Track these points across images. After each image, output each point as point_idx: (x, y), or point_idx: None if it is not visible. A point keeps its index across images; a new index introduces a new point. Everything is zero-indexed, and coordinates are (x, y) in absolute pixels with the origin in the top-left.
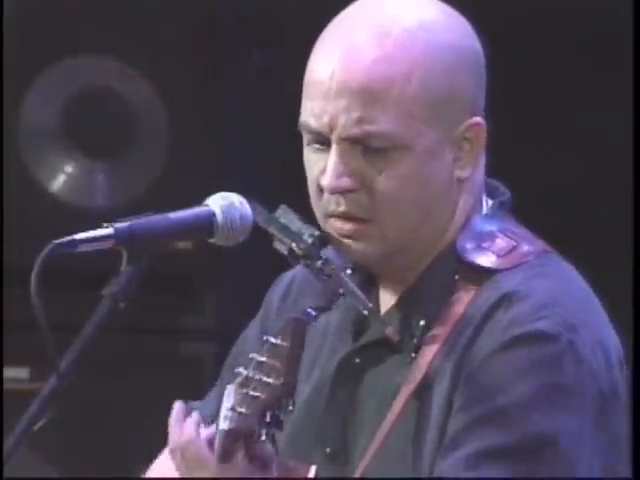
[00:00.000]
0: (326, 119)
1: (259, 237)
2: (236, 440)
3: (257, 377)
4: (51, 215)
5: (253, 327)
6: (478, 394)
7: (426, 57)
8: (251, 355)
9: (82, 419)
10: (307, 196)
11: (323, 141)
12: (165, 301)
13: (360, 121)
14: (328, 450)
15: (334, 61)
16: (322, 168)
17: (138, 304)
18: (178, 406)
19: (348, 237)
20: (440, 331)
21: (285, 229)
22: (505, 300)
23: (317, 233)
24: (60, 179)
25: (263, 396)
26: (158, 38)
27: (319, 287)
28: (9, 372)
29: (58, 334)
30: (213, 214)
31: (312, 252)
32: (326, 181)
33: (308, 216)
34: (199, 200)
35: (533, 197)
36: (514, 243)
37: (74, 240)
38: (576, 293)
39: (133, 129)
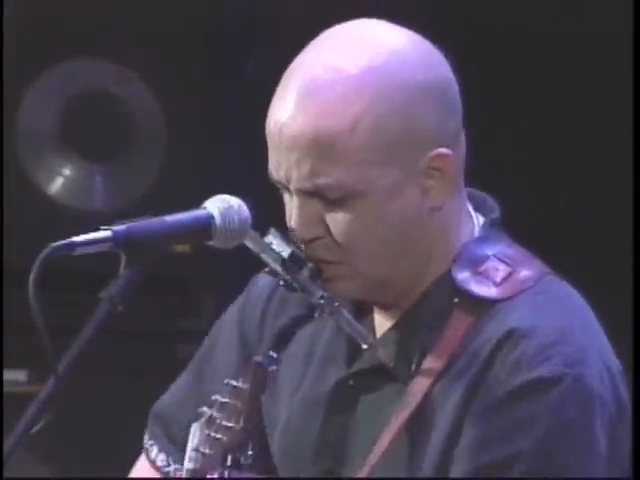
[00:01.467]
0: (282, 172)
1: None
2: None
3: (218, 420)
4: (49, 218)
5: (230, 314)
6: (483, 442)
7: (373, 103)
8: (214, 397)
9: (79, 421)
10: None
11: (286, 189)
12: (163, 304)
13: (311, 175)
14: (323, 471)
15: (285, 112)
16: (290, 214)
17: (136, 307)
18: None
19: (328, 279)
20: (437, 360)
21: (279, 259)
22: (510, 338)
23: (312, 265)
24: (58, 182)
25: (224, 439)
26: (156, 41)
27: (301, 297)
28: (8, 374)
29: (56, 337)
30: (212, 217)
31: (311, 288)
32: (293, 230)
33: None
34: (197, 203)
35: (530, 206)
36: (510, 269)
37: (72, 243)
38: (579, 321)
39: (131, 132)
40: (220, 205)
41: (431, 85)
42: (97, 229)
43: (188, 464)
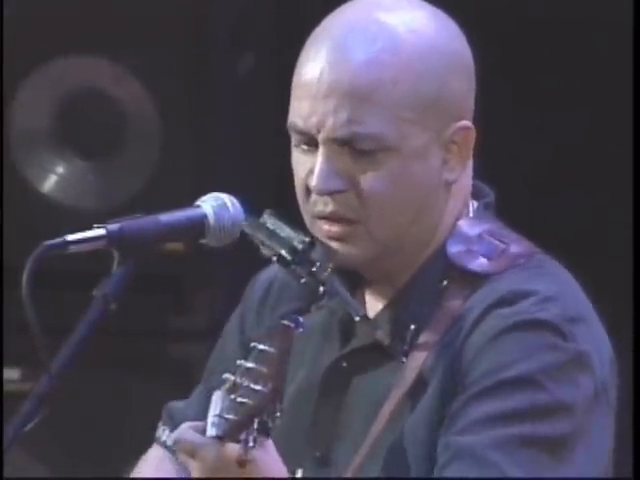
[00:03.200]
0: (314, 120)
1: (250, 240)
2: (233, 438)
3: (245, 383)
4: (42, 216)
5: (232, 324)
6: (482, 372)
7: (414, 61)
8: (238, 362)
9: (72, 419)
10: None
11: (310, 142)
12: (156, 302)
13: (348, 122)
14: (318, 454)
15: (323, 62)
16: (309, 169)
17: (129, 305)
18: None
19: (336, 239)
20: (431, 335)
21: (273, 235)
22: (507, 299)
23: (307, 239)
24: (51, 179)
25: (251, 402)
26: (149, 38)
27: (298, 291)
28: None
29: (49, 335)
30: (205, 215)
31: (303, 259)
32: (314, 182)
33: (299, 218)
34: (191, 201)
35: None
36: (503, 246)
37: (65, 241)
38: (574, 292)
39: (124, 129)
40: (213, 203)
41: (461, 58)
42: (90, 227)
43: (211, 431)
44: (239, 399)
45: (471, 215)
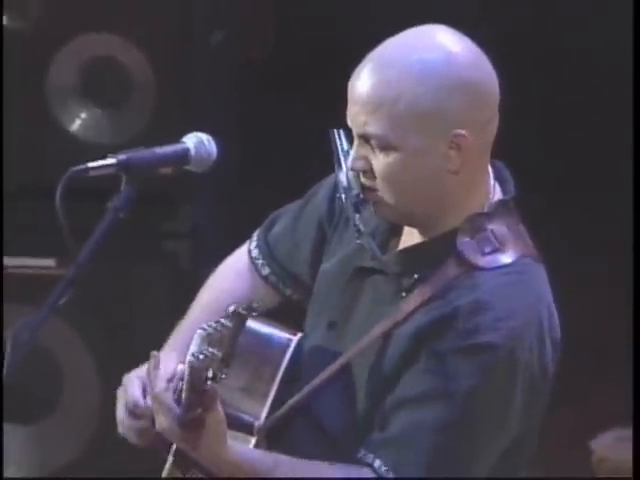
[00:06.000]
0: (350, 120)
1: (223, 167)
2: (197, 375)
3: (209, 341)
4: (70, 149)
5: (324, 189)
6: (427, 374)
7: (415, 85)
8: (210, 323)
9: (94, 295)
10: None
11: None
12: (152, 211)
13: (364, 124)
14: (329, 320)
15: (356, 77)
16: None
17: (132, 213)
18: (156, 356)
19: (373, 203)
20: (424, 292)
21: (344, 157)
22: (474, 306)
23: (359, 196)
24: (77, 122)
25: (207, 358)
26: (149, 19)
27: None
28: (41, 262)
29: (76, 235)
30: (188, 149)
31: (351, 211)
32: (349, 162)
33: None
34: (178, 138)
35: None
36: (498, 246)
37: (87, 167)
38: (531, 301)
39: (130, 86)
40: (194, 140)
41: (465, 82)
42: (105, 157)
43: (187, 361)
44: (204, 349)
45: (485, 210)
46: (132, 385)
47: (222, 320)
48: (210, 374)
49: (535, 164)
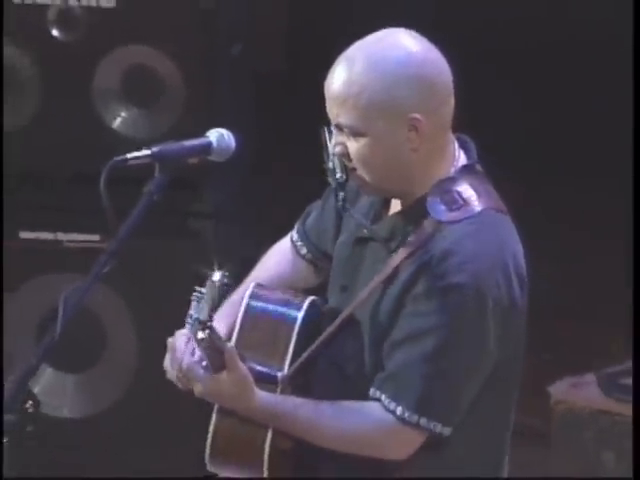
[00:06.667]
0: (328, 113)
1: (240, 157)
2: (194, 338)
3: (193, 308)
4: (112, 142)
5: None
6: (411, 316)
7: (373, 82)
8: (200, 288)
9: (133, 263)
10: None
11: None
12: (180, 195)
13: (337, 116)
14: (341, 284)
15: (329, 77)
16: None
17: (164, 196)
18: (184, 334)
19: (355, 180)
20: (407, 249)
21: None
22: (444, 255)
23: (342, 177)
24: (118, 120)
25: (192, 322)
26: (179, 33)
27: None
28: (88, 237)
29: (118, 214)
30: (211, 142)
31: (337, 190)
32: (330, 148)
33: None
34: (202, 133)
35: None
36: (463, 203)
37: (126, 157)
38: (494, 245)
39: (162, 90)
40: (216, 134)
41: (417, 76)
42: (141, 149)
43: (187, 321)
44: (190, 316)
45: (451, 175)
46: (179, 340)
47: (201, 289)
48: (199, 335)
49: (519, 152)
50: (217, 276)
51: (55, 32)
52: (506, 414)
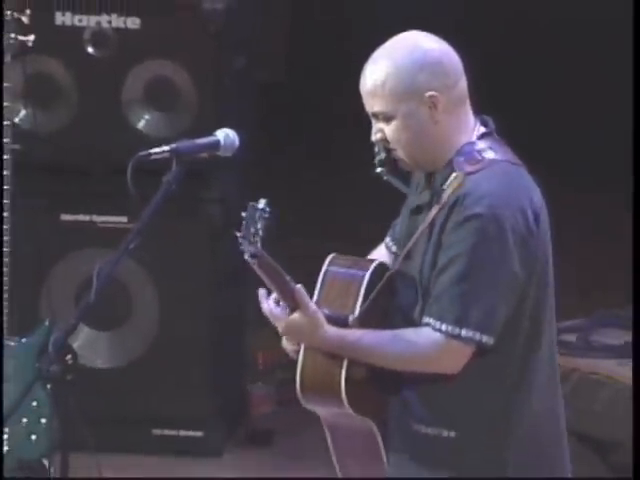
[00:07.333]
0: (365, 105)
1: (243, 153)
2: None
3: (239, 232)
4: (137, 140)
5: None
6: (445, 249)
7: (397, 71)
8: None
9: (154, 241)
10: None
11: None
12: (193, 184)
13: (372, 106)
14: (398, 246)
15: (362, 77)
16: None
17: (181, 186)
18: (261, 292)
19: (394, 158)
20: (440, 203)
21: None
22: (465, 196)
23: (383, 156)
24: (142, 121)
25: (242, 242)
26: (191, 50)
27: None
28: (117, 219)
29: (142, 199)
30: (219, 140)
31: (378, 165)
32: (372, 135)
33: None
34: (212, 133)
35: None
36: (480, 158)
37: (149, 153)
38: (508, 187)
39: (178, 98)
40: (223, 134)
41: (429, 61)
42: (160, 146)
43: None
44: (239, 240)
45: (473, 140)
46: (262, 293)
47: (243, 214)
48: (250, 252)
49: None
50: (262, 204)
51: (90, 49)
52: (538, 339)
